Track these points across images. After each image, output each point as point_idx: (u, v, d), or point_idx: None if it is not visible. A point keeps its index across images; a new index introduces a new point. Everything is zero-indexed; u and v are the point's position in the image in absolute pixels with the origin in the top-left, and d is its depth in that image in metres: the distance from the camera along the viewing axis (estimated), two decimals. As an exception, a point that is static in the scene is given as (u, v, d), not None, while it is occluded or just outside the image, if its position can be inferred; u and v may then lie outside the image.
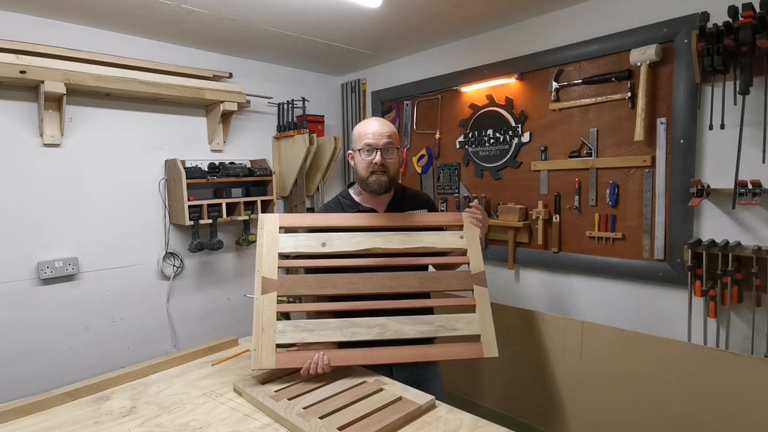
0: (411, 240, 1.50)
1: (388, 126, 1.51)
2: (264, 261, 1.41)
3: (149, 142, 2.54)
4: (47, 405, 1.24)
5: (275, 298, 1.38)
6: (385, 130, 1.48)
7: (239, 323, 2.90)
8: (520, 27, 2.43)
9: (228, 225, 2.83)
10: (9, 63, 1.95)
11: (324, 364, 1.31)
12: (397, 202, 1.60)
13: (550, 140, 2.35)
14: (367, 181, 1.49)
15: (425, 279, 1.48)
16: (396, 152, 1.50)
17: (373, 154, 1.46)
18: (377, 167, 1.46)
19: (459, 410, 1.17)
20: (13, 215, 2.12)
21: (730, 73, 1.73)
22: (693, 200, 1.82)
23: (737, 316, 1.81)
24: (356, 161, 1.52)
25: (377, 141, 1.46)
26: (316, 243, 1.46)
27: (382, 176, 1.47)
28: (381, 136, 1.46)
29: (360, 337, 1.37)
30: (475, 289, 1.47)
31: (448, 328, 1.41)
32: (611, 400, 1.84)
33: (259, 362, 1.30)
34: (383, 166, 1.46)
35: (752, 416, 1.51)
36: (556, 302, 2.38)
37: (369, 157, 1.46)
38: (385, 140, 1.46)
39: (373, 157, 1.46)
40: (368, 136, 1.47)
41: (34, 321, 2.19)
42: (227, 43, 2.62)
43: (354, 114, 3.39)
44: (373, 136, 1.46)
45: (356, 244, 1.46)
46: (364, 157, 1.47)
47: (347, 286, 1.42)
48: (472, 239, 1.53)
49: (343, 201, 1.60)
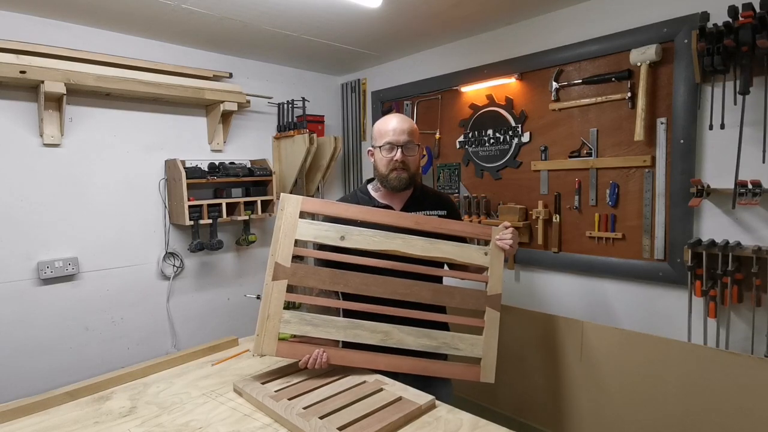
0: (432, 248, 1.44)
1: (408, 123, 1.51)
2: (279, 246, 1.37)
3: (149, 142, 2.54)
4: (47, 405, 1.24)
5: (285, 285, 1.35)
6: (405, 126, 1.49)
7: (239, 323, 2.90)
8: (520, 27, 2.43)
9: (228, 225, 2.83)
10: (9, 63, 1.95)
11: (322, 361, 1.32)
12: (416, 200, 1.59)
13: (550, 140, 2.35)
14: (387, 178, 1.50)
15: (438, 292, 1.45)
16: (416, 149, 1.51)
17: (394, 151, 1.47)
18: (398, 164, 1.47)
19: (459, 410, 1.17)
20: (13, 215, 2.13)
21: (730, 73, 1.73)
22: (693, 200, 1.82)
23: (737, 316, 1.81)
24: (376, 158, 1.52)
25: (398, 138, 1.47)
26: (336, 235, 1.41)
27: (402, 173, 1.48)
28: (402, 133, 1.47)
29: (362, 340, 1.37)
30: (487, 311, 1.44)
31: (450, 346, 1.41)
32: (611, 400, 1.84)
33: (260, 348, 1.30)
34: (403, 163, 1.48)
35: (752, 416, 1.51)
36: (556, 302, 2.38)
37: (389, 155, 1.47)
38: (405, 137, 1.47)
39: (394, 154, 1.47)
40: (389, 133, 1.48)
41: (34, 321, 2.19)
42: (227, 43, 2.62)
43: (354, 114, 3.39)
44: (393, 133, 1.47)
45: (376, 243, 1.41)
46: (384, 154, 1.48)
47: (359, 286, 1.40)
48: (497, 258, 1.47)
49: (360, 195, 1.60)
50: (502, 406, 2.20)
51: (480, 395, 2.25)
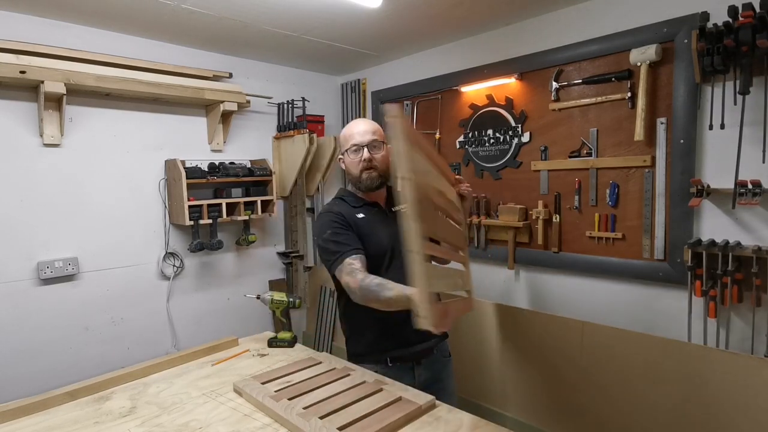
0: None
1: (371, 124, 1.56)
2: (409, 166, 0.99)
3: (149, 142, 2.54)
4: (47, 405, 1.24)
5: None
6: (369, 127, 1.53)
7: (239, 323, 2.90)
8: (520, 27, 2.43)
9: (228, 225, 2.83)
10: (9, 63, 1.95)
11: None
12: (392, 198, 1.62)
13: (550, 140, 2.35)
14: (360, 179, 1.53)
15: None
16: (382, 147, 1.54)
17: (361, 151, 1.50)
18: (366, 164, 1.50)
19: (459, 410, 1.17)
20: (13, 215, 2.13)
21: (730, 73, 1.73)
22: (693, 200, 1.82)
23: (737, 316, 1.81)
24: (347, 163, 1.55)
25: (363, 139, 1.51)
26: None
27: (372, 172, 1.51)
28: (365, 134, 1.51)
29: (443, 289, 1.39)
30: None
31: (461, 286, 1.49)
32: (611, 400, 1.84)
33: (433, 319, 0.97)
34: (370, 161, 1.50)
35: (752, 416, 1.51)
36: (556, 302, 2.38)
37: (357, 156, 1.51)
38: (369, 137, 1.51)
39: (361, 154, 1.50)
40: (354, 136, 1.52)
41: (34, 321, 2.19)
42: (227, 43, 2.62)
43: (354, 114, 3.39)
44: (358, 135, 1.51)
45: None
46: (352, 157, 1.52)
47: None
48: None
49: (347, 198, 1.60)
50: (502, 406, 2.20)
51: (480, 395, 2.26)
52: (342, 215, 1.50)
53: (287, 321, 1.79)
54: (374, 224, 1.52)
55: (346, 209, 1.53)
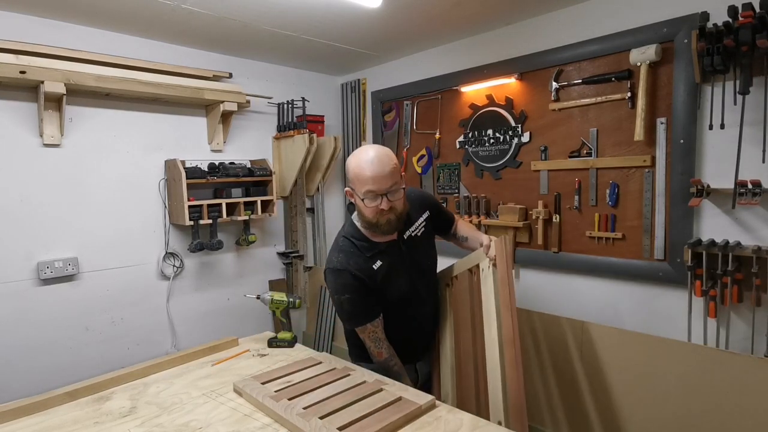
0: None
1: (389, 164, 1.32)
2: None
3: (149, 142, 2.54)
4: (47, 405, 1.24)
5: None
6: (387, 170, 1.31)
7: (239, 323, 2.90)
8: (520, 27, 2.43)
9: (228, 225, 2.83)
10: (9, 63, 1.95)
11: None
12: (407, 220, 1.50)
13: (550, 140, 2.35)
14: (377, 225, 1.37)
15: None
16: (401, 191, 1.35)
17: (378, 200, 1.32)
18: (385, 212, 1.34)
19: (459, 410, 1.17)
20: (13, 215, 2.12)
21: (730, 72, 1.73)
22: (693, 200, 1.82)
23: (737, 316, 1.81)
24: (359, 205, 1.37)
25: (380, 186, 1.30)
26: None
27: (391, 215, 1.35)
28: (383, 179, 1.30)
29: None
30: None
31: None
32: (611, 400, 1.84)
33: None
34: (391, 209, 1.34)
35: (752, 416, 1.51)
36: (556, 302, 2.38)
37: (374, 203, 1.32)
38: (388, 183, 1.31)
39: (379, 202, 1.32)
40: (368, 181, 1.30)
41: (34, 321, 2.19)
42: (227, 43, 2.62)
43: (354, 114, 3.39)
44: (373, 181, 1.30)
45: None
46: (368, 203, 1.33)
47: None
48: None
49: (360, 245, 1.43)
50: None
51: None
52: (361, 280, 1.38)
53: (287, 321, 1.79)
54: (392, 270, 1.42)
55: (363, 264, 1.40)
